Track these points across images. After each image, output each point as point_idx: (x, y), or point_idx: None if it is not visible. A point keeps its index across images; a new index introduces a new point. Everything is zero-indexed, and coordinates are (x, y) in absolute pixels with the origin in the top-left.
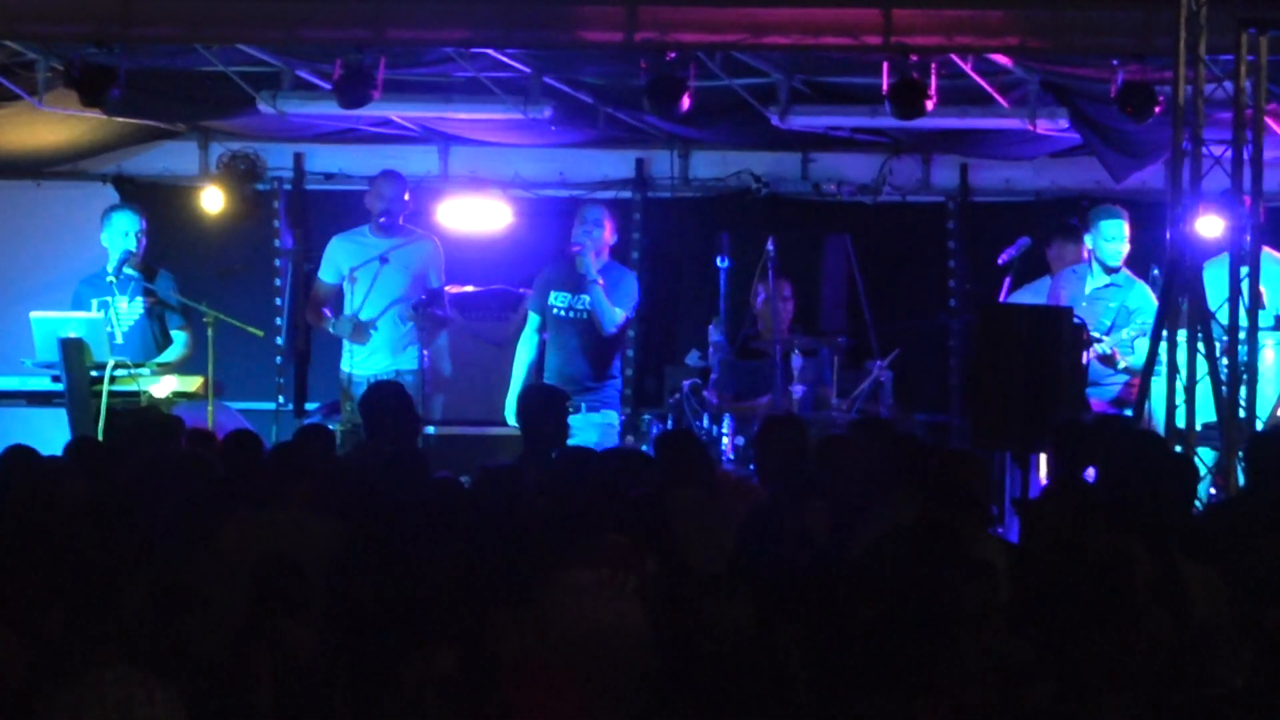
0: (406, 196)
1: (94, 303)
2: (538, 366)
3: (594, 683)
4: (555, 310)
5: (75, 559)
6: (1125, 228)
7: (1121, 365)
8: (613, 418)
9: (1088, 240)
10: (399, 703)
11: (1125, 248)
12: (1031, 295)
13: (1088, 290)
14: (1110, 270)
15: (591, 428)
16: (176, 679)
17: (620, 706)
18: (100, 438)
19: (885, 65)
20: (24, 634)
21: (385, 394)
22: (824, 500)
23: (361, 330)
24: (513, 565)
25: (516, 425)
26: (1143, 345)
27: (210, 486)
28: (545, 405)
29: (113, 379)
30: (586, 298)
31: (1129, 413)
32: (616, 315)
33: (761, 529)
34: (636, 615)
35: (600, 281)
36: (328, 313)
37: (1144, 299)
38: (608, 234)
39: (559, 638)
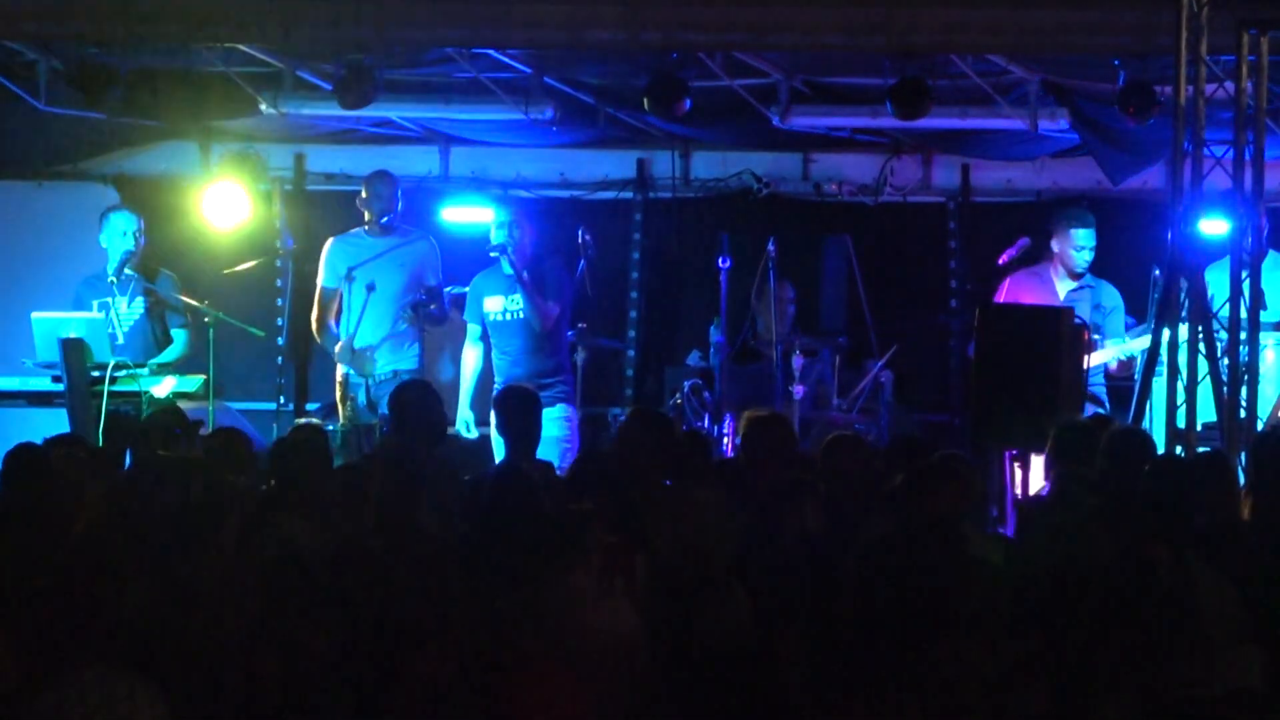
0: (399, 195)
1: (94, 303)
2: (484, 375)
3: (590, 685)
4: (491, 316)
5: (70, 561)
6: (1094, 236)
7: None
8: (568, 412)
9: (1054, 245)
10: (400, 704)
11: (1092, 255)
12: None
13: (1061, 295)
14: (1077, 275)
15: (550, 423)
16: (181, 680)
17: (615, 709)
18: (100, 438)
19: (886, 65)
20: (16, 635)
21: (413, 392)
22: (822, 501)
23: (358, 358)
24: (510, 566)
25: (471, 433)
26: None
27: (211, 486)
28: (524, 406)
29: (113, 379)
30: (518, 298)
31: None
32: (550, 309)
33: (760, 529)
34: (631, 616)
35: (525, 277)
36: (334, 328)
37: (1115, 297)
38: (527, 233)
39: (555, 640)
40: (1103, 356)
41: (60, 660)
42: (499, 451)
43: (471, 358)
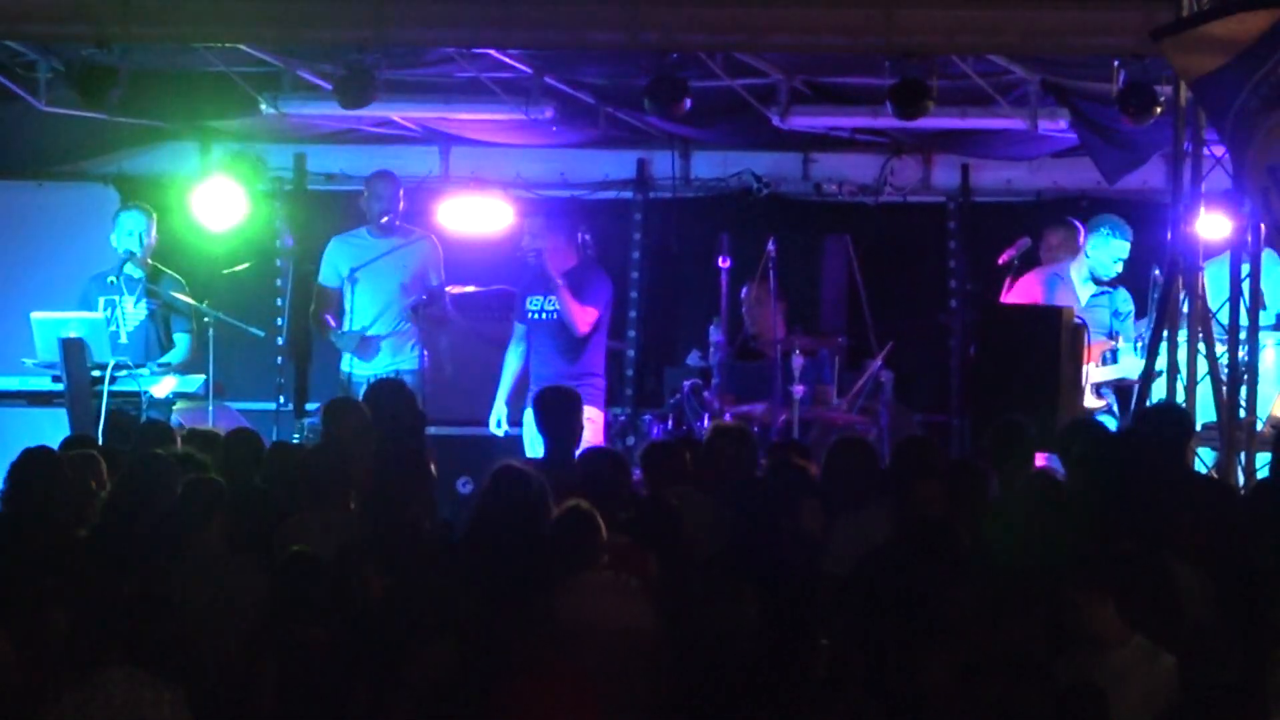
0: (401, 195)
1: (100, 300)
2: (523, 374)
3: (604, 682)
4: (530, 315)
5: (80, 560)
6: (1129, 248)
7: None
8: (591, 414)
9: (1090, 247)
10: (406, 702)
11: (1123, 268)
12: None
13: (1084, 300)
14: (1100, 281)
15: None
16: (185, 680)
17: (629, 706)
18: (100, 439)
19: (886, 65)
20: (26, 634)
21: (386, 391)
22: (819, 500)
23: (366, 345)
24: (524, 566)
25: (501, 431)
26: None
27: (211, 488)
28: (564, 406)
29: (113, 379)
30: (555, 299)
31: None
32: (586, 315)
33: (758, 528)
34: (647, 615)
35: (562, 284)
36: (332, 321)
37: (1129, 302)
38: (554, 241)
39: (569, 638)
40: (1104, 375)
41: (66, 661)
42: (531, 448)
43: (512, 357)
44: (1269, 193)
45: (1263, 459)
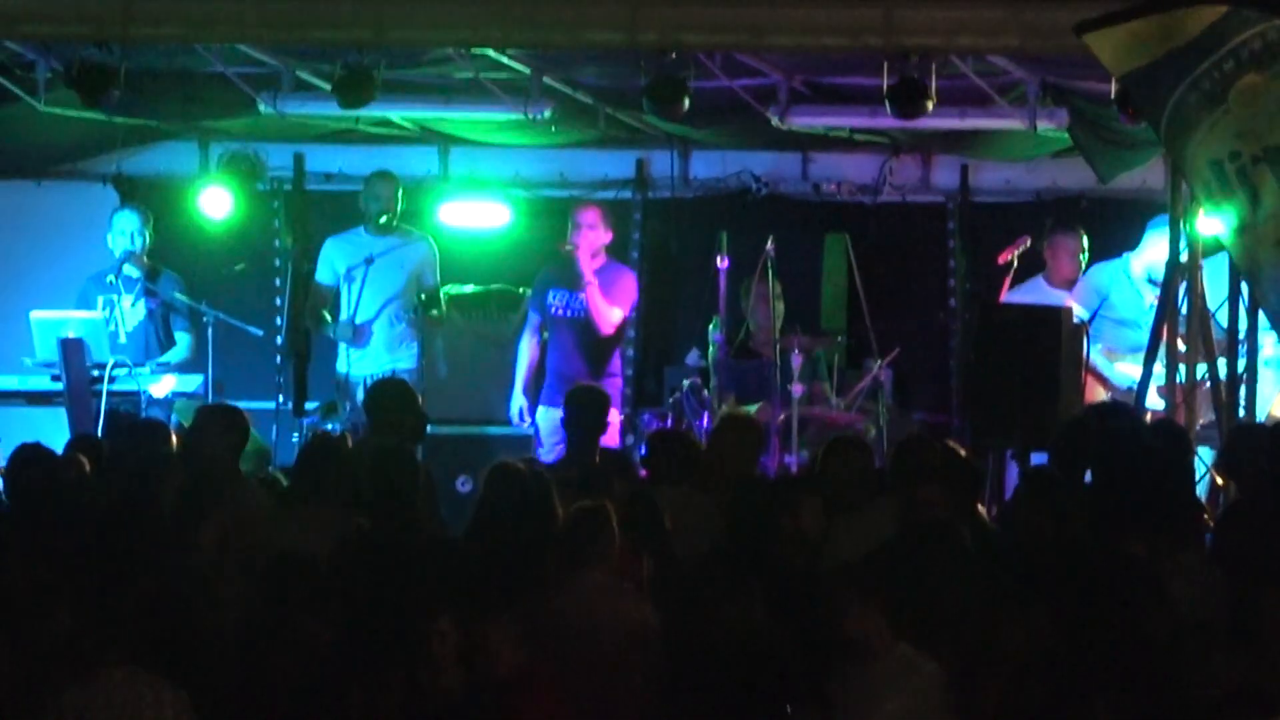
0: (400, 195)
1: (99, 300)
2: (538, 366)
3: (606, 684)
4: (553, 309)
5: (82, 558)
6: None
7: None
8: (612, 416)
9: (1153, 246)
10: (403, 703)
11: None
12: (1024, 295)
13: (1148, 302)
14: (1156, 283)
15: None
16: (188, 681)
17: (632, 704)
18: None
19: (885, 65)
20: (27, 633)
21: (388, 390)
22: (819, 499)
23: (359, 334)
24: (524, 564)
25: (526, 423)
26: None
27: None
28: (595, 406)
29: (112, 379)
30: (583, 296)
31: None
32: (613, 315)
33: (757, 527)
34: (647, 612)
35: (594, 282)
36: (327, 316)
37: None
38: (601, 234)
39: (571, 637)
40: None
41: (68, 660)
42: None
43: (528, 348)
44: (1210, 185)
45: None
